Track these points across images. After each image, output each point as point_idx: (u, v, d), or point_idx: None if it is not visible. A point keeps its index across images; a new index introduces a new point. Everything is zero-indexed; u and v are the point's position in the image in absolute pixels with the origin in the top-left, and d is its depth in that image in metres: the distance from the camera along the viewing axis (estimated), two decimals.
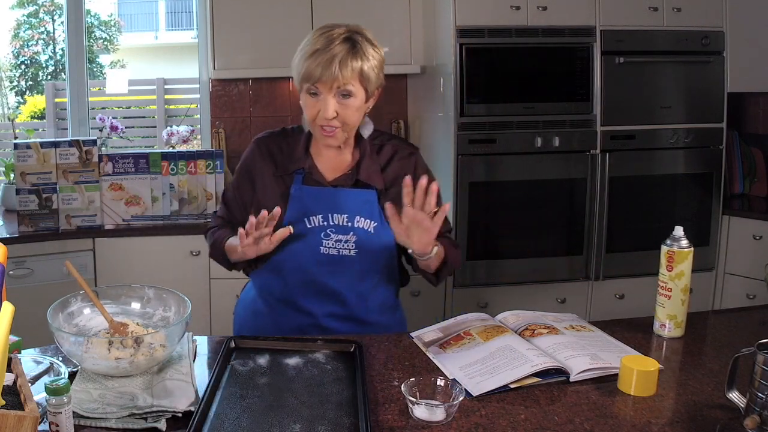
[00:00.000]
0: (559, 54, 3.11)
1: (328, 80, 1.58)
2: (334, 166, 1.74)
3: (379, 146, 1.77)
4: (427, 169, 1.81)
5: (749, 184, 3.61)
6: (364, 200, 1.70)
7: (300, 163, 1.72)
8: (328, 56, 1.58)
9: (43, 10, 6.00)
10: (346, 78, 1.59)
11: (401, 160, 1.76)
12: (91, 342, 1.39)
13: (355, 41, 1.63)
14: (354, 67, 1.60)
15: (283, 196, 1.71)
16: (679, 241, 1.66)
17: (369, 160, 1.73)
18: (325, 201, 1.70)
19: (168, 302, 1.59)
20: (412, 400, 1.30)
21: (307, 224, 1.69)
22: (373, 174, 1.72)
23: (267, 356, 1.52)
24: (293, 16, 3.24)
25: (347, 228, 1.69)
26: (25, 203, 2.89)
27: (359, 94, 1.64)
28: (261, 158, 1.76)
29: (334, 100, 1.61)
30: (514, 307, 1.82)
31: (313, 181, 1.72)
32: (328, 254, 1.69)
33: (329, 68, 1.57)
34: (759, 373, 1.23)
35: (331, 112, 1.61)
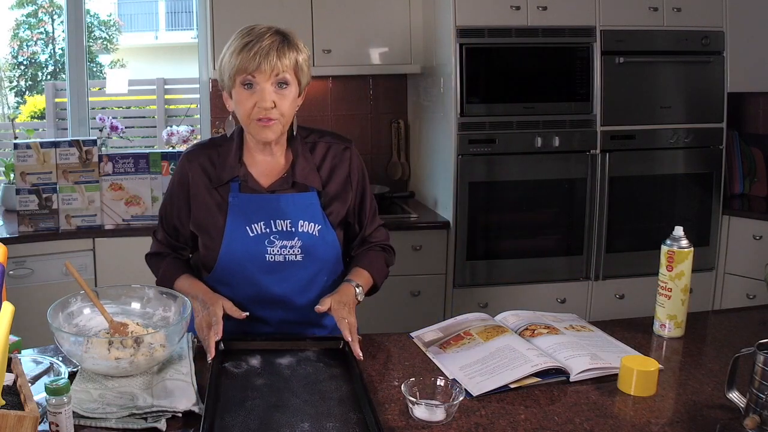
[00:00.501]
0: (559, 54, 3.11)
1: (267, 69, 1.56)
2: (269, 172, 1.69)
3: (312, 144, 1.74)
4: (360, 163, 1.78)
5: (749, 184, 3.61)
6: (306, 204, 1.67)
7: (234, 171, 1.67)
8: (264, 46, 1.56)
9: (42, 11, 5.99)
10: (284, 66, 1.57)
11: (336, 156, 1.73)
12: (91, 342, 1.39)
13: (285, 34, 1.62)
14: (290, 57, 1.59)
15: (221, 207, 1.67)
16: (679, 241, 1.66)
17: (303, 160, 1.69)
18: (266, 207, 1.66)
19: (168, 302, 1.59)
20: (412, 400, 1.30)
21: (249, 233, 1.65)
22: (309, 174, 1.69)
23: (258, 357, 1.52)
24: (293, 16, 3.23)
25: (291, 233, 1.66)
26: (25, 203, 2.89)
27: (293, 85, 1.61)
28: (193, 173, 1.70)
29: (272, 89, 1.58)
30: (514, 307, 1.83)
31: (250, 189, 1.67)
32: (274, 261, 1.66)
33: (267, 57, 1.55)
34: (759, 373, 1.23)
35: (270, 101, 1.57)
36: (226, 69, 1.60)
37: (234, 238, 1.66)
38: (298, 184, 1.68)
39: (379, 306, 3.09)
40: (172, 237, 1.78)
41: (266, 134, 1.62)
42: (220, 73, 1.65)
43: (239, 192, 1.67)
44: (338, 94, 3.66)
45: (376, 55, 3.38)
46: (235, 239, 1.66)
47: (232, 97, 1.63)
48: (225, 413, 1.28)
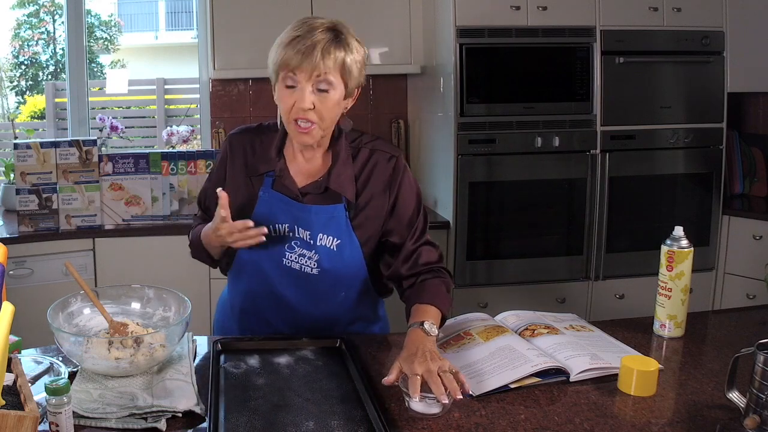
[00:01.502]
0: (559, 54, 3.11)
1: (308, 68, 1.47)
2: (306, 171, 1.63)
3: (357, 149, 1.64)
4: (407, 176, 1.66)
5: (749, 184, 3.61)
6: (330, 216, 1.60)
7: (271, 164, 1.63)
8: (309, 43, 1.48)
9: (44, 11, 5.99)
10: (327, 67, 1.48)
11: (378, 165, 1.63)
12: (91, 342, 1.39)
13: (338, 31, 1.53)
14: (336, 57, 1.49)
15: (251, 198, 1.63)
16: (679, 241, 1.66)
17: (342, 166, 1.61)
18: (293, 212, 1.60)
19: (168, 302, 1.59)
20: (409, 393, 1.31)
21: (272, 232, 1.60)
22: (344, 182, 1.60)
23: (256, 356, 1.53)
24: (293, 17, 3.19)
25: (310, 245, 1.60)
26: (25, 203, 2.89)
27: (338, 87, 1.51)
28: (232, 156, 1.67)
29: (313, 90, 1.50)
30: (514, 307, 1.82)
31: (283, 187, 1.62)
32: (290, 267, 1.62)
33: (310, 56, 1.47)
34: (759, 373, 1.23)
35: (308, 102, 1.49)
36: (272, 61, 1.54)
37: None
38: (330, 191, 1.61)
39: None
40: (206, 214, 1.74)
41: (304, 139, 1.56)
42: (269, 63, 1.57)
43: (271, 188, 1.62)
44: None
45: (376, 55, 3.38)
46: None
47: (275, 94, 1.57)
48: (229, 414, 1.28)
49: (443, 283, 1.63)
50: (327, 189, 1.61)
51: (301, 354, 1.54)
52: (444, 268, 1.68)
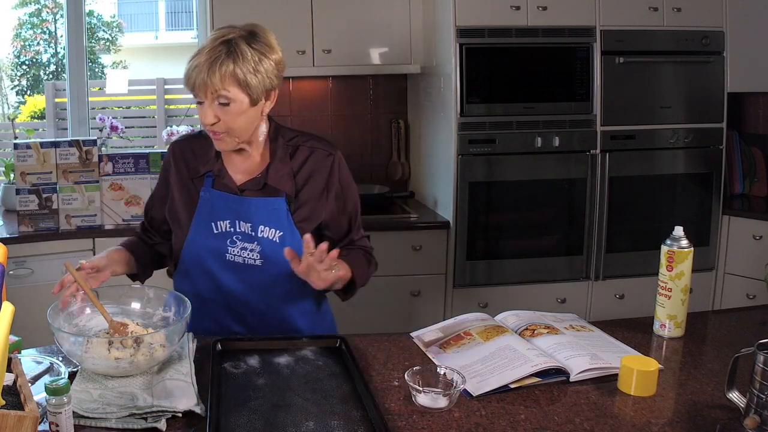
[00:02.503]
0: (559, 54, 3.11)
1: (202, 87, 1.53)
2: (245, 170, 1.69)
3: (295, 148, 1.70)
4: (345, 171, 1.75)
5: (749, 184, 3.62)
6: (271, 209, 1.66)
7: (209, 165, 1.69)
8: (199, 62, 1.53)
9: (47, 11, 5.99)
10: (215, 84, 1.52)
11: (317, 162, 1.70)
12: (91, 342, 1.39)
13: (232, 44, 1.54)
14: (225, 72, 1.52)
15: (193, 200, 1.70)
16: (679, 241, 1.66)
17: (280, 163, 1.67)
18: (232, 207, 1.66)
19: (168, 302, 1.59)
20: (417, 388, 1.32)
21: (214, 229, 1.67)
22: (283, 178, 1.67)
23: (256, 356, 1.53)
24: (293, 17, 3.24)
25: (252, 237, 1.66)
26: (25, 203, 2.89)
27: (239, 98, 1.55)
28: (174, 162, 1.75)
29: (214, 105, 1.55)
30: (514, 307, 1.83)
31: (222, 186, 1.68)
32: (233, 261, 1.67)
33: (200, 75, 1.52)
34: (759, 373, 1.23)
35: (209, 118, 1.56)
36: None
37: (198, 232, 1.68)
38: (269, 186, 1.67)
39: (379, 306, 3.10)
40: (149, 224, 1.83)
41: (219, 147, 1.64)
42: None
43: (211, 188, 1.69)
44: (338, 94, 3.66)
45: (376, 55, 3.38)
46: (200, 233, 1.68)
47: None
48: (229, 414, 1.28)
49: (366, 257, 1.77)
50: (266, 185, 1.67)
51: (301, 354, 1.54)
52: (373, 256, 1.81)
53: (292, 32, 3.24)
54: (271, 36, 1.62)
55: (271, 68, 1.58)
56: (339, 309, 3.05)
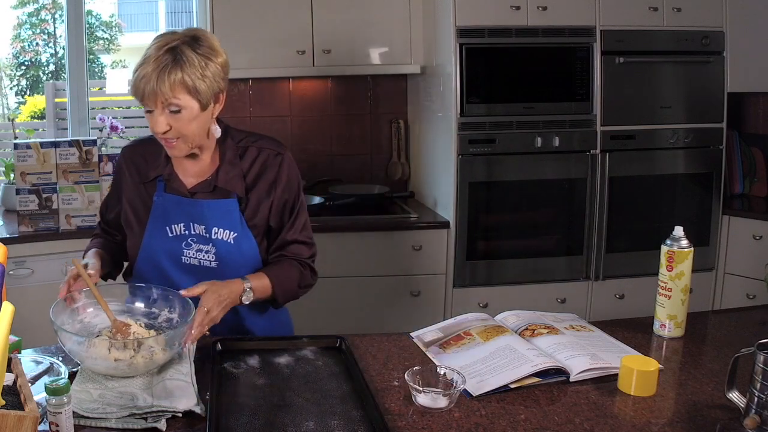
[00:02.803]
0: (559, 54, 3.11)
1: (151, 98, 1.53)
2: (195, 172, 1.70)
3: (244, 149, 1.71)
4: (293, 171, 1.75)
5: (749, 184, 3.61)
6: (224, 211, 1.67)
7: (159, 170, 1.70)
8: (146, 72, 1.52)
9: (45, 11, 5.99)
10: (165, 93, 1.51)
11: (266, 162, 1.71)
12: (92, 343, 1.39)
13: (178, 52, 1.53)
14: (174, 80, 1.51)
15: (146, 205, 1.71)
16: (679, 241, 1.66)
17: (229, 165, 1.68)
18: (185, 210, 1.67)
19: (173, 303, 1.59)
20: (416, 387, 1.32)
21: (169, 233, 1.68)
22: (232, 180, 1.68)
23: (256, 356, 1.53)
24: (293, 16, 3.24)
25: (206, 239, 1.67)
26: (25, 203, 2.89)
27: (189, 104, 1.55)
28: (126, 168, 1.75)
29: (164, 114, 1.55)
30: (514, 307, 1.82)
31: (174, 189, 1.69)
32: (189, 263, 1.69)
33: (148, 84, 1.51)
34: (759, 373, 1.23)
35: (161, 127, 1.56)
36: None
37: (154, 236, 1.69)
38: (219, 188, 1.68)
39: (379, 306, 3.10)
40: (107, 225, 1.85)
41: (172, 153, 1.64)
42: None
43: (164, 191, 1.69)
44: (338, 94, 3.66)
45: (376, 55, 3.38)
46: (155, 237, 1.69)
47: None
48: (229, 414, 1.28)
49: (298, 272, 1.73)
50: (216, 187, 1.68)
51: (301, 354, 1.54)
52: (309, 265, 1.77)
53: (292, 32, 3.24)
54: (214, 39, 1.61)
55: (217, 71, 1.58)
56: (339, 309, 3.07)
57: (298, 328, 1.92)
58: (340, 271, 3.06)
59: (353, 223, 3.13)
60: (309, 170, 3.59)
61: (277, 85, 3.57)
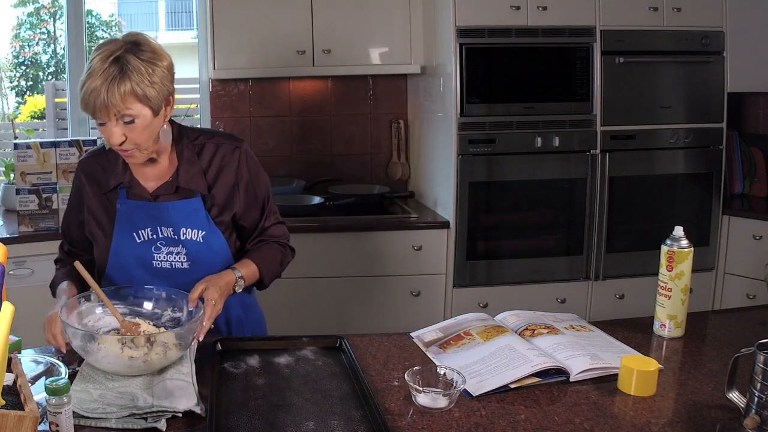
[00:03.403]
0: (559, 54, 3.11)
1: (103, 111, 1.50)
2: (155, 176, 1.69)
3: (201, 146, 1.71)
4: (253, 162, 1.75)
5: (749, 184, 3.61)
6: (189, 210, 1.66)
7: (119, 177, 1.68)
8: (95, 85, 1.49)
9: (44, 11, 5.99)
10: (117, 105, 1.50)
11: (225, 157, 1.71)
12: (103, 341, 1.39)
13: (123, 61, 1.51)
14: (124, 91, 1.49)
15: (109, 214, 1.69)
16: (679, 241, 1.66)
17: (188, 164, 1.68)
18: (151, 214, 1.66)
19: (178, 303, 1.60)
20: (416, 387, 1.32)
21: (137, 239, 1.67)
22: (193, 178, 1.67)
23: (256, 356, 1.53)
24: (293, 17, 3.23)
25: (175, 240, 1.67)
26: (25, 203, 2.89)
27: (142, 112, 1.53)
28: (85, 180, 1.73)
29: (119, 125, 1.53)
30: (514, 307, 1.83)
31: (136, 195, 1.68)
32: (161, 267, 1.68)
33: (99, 98, 1.49)
34: (759, 373, 1.23)
35: (117, 138, 1.54)
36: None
37: (122, 243, 1.68)
38: (182, 189, 1.67)
39: (379, 306, 3.10)
40: (71, 245, 1.81)
41: (131, 161, 1.64)
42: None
43: (126, 198, 1.68)
44: (338, 94, 3.66)
45: (376, 55, 3.38)
46: (123, 245, 1.68)
47: None
48: (229, 414, 1.28)
49: (279, 253, 1.78)
50: (178, 188, 1.67)
51: (301, 354, 1.54)
52: (288, 244, 1.82)
53: (292, 32, 3.24)
54: (154, 42, 1.60)
55: (165, 75, 1.57)
56: (339, 309, 3.07)
57: (299, 328, 1.93)
58: (340, 271, 3.06)
59: (353, 223, 3.13)
60: (309, 170, 3.59)
61: (277, 85, 3.57)
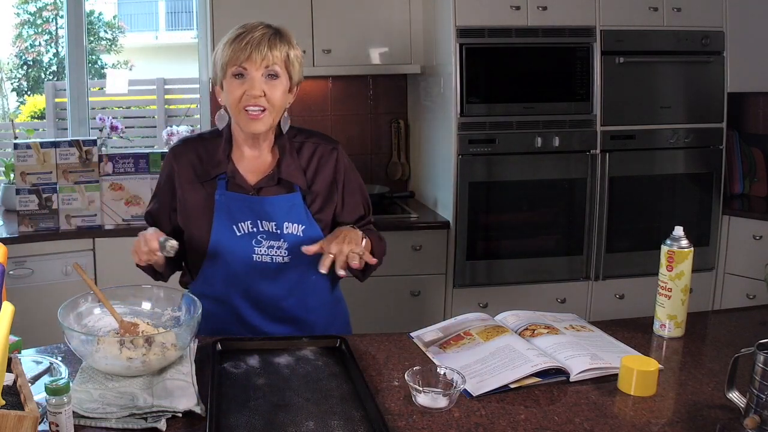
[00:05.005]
0: (559, 54, 3.11)
1: (257, 59, 1.58)
2: (256, 169, 1.70)
3: (300, 144, 1.74)
4: (349, 164, 1.78)
5: (749, 184, 3.61)
6: (290, 205, 1.67)
7: (221, 167, 1.68)
8: (255, 36, 1.59)
9: (48, 12, 5.99)
10: (275, 57, 1.60)
11: (323, 157, 1.74)
12: (102, 341, 1.39)
13: (278, 29, 1.65)
14: (281, 49, 1.61)
15: (207, 204, 1.68)
16: (679, 241, 1.66)
17: (290, 158, 1.70)
18: (252, 208, 1.66)
19: (178, 302, 1.59)
20: (416, 387, 1.32)
21: (237, 232, 1.66)
22: (294, 172, 1.69)
23: (256, 356, 1.53)
24: (293, 17, 3.23)
25: (277, 235, 1.66)
26: (25, 203, 2.89)
27: (284, 78, 1.63)
28: (180, 168, 1.71)
29: (262, 79, 1.60)
30: (514, 307, 1.82)
31: (237, 186, 1.67)
32: (261, 261, 1.67)
33: (258, 47, 1.58)
34: (759, 373, 1.23)
35: (259, 89, 1.59)
36: (219, 61, 1.63)
37: (221, 236, 1.66)
38: (283, 181, 1.68)
39: (379, 306, 3.10)
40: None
41: (255, 126, 1.62)
42: (213, 67, 1.68)
43: (226, 190, 1.67)
44: (338, 94, 3.66)
45: (376, 55, 3.38)
46: (223, 237, 1.66)
47: (223, 88, 1.64)
48: (229, 414, 1.28)
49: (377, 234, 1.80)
50: (280, 181, 1.68)
51: (301, 354, 1.54)
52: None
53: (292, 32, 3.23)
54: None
55: (302, 61, 1.68)
56: None
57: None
58: None
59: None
60: None
61: None
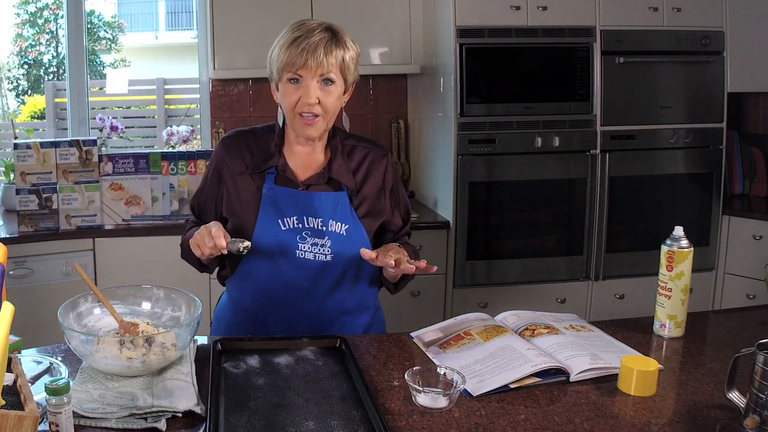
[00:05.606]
0: (559, 54, 3.11)
1: (313, 65, 1.58)
2: (307, 165, 1.71)
3: (351, 147, 1.75)
4: (396, 171, 1.81)
5: (749, 184, 3.62)
6: (336, 203, 1.67)
7: (273, 161, 1.69)
8: (312, 42, 1.59)
9: (49, 12, 5.99)
10: (330, 64, 1.59)
11: (373, 162, 1.75)
12: (102, 341, 1.39)
13: (335, 31, 1.64)
14: (337, 55, 1.60)
15: (254, 196, 1.68)
16: (679, 241, 1.66)
17: (341, 159, 1.71)
18: (299, 203, 1.66)
19: (177, 302, 1.59)
20: (416, 387, 1.32)
21: (282, 226, 1.66)
22: (344, 173, 1.70)
23: (257, 356, 1.53)
24: (293, 17, 3.20)
25: (322, 232, 1.66)
26: (25, 203, 2.89)
27: (339, 83, 1.63)
28: (230, 158, 1.72)
29: (317, 86, 1.60)
30: (514, 307, 1.83)
31: (286, 181, 1.68)
32: (304, 258, 1.66)
33: (314, 54, 1.58)
34: (759, 373, 1.23)
35: (314, 96, 1.59)
36: (275, 62, 1.64)
37: (267, 229, 1.66)
38: (333, 181, 1.69)
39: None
40: (203, 218, 1.77)
41: (309, 132, 1.64)
42: (269, 65, 1.67)
43: (274, 184, 1.68)
44: None
45: (376, 55, 3.38)
46: (268, 230, 1.66)
47: (279, 90, 1.65)
48: (229, 414, 1.28)
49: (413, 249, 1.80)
50: (329, 180, 1.69)
51: (301, 354, 1.54)
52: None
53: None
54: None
55: (357, 61, 1.68)
56: None
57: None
58: None
59: None
60: None
61: None
